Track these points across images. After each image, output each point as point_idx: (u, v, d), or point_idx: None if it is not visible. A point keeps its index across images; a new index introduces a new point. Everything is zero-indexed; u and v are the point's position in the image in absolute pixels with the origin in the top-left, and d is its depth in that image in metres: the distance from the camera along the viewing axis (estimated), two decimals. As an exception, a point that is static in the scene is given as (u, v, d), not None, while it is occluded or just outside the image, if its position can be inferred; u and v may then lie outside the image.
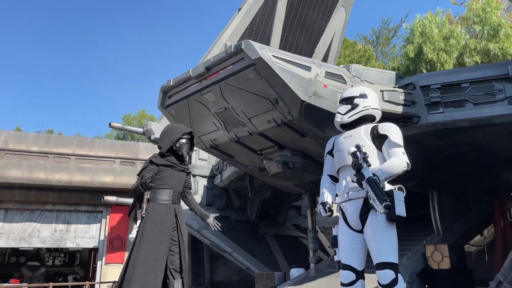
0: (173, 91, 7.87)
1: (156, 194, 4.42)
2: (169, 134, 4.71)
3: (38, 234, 14.41)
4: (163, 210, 4.33)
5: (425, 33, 21.01)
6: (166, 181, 4.48)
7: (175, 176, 4.56)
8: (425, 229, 9.35)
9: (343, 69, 6.92)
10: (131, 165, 15.06)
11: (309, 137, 7.16)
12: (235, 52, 6.51)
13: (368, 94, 3.86)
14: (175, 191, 4.53)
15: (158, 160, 4.59)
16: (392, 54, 28.97)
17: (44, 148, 14.17)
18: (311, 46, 13.61)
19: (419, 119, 7.02)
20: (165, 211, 4.33)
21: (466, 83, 6.90)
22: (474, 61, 20.16)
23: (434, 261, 8.16)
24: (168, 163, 4.57)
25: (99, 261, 14.74)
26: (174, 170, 4.57)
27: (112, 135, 33.90)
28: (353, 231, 3.54)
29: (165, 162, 4.56)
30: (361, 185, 3.29)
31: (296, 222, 15.04)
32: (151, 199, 4.39)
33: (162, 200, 4.39)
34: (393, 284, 3.27)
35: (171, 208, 4.42)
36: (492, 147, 8.04)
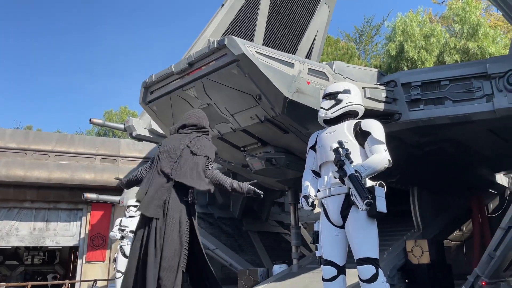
0: (155, 87, 7.79)
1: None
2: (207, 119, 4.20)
3: (17, 232, 14.09)
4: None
5: (406, 31, 21.30)
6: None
7: None
8: (405, 225, 9.51)
9: (326, 66, 6.96)
10: (112, 162, 14.85)
11: (292, 133, 7.18)
12: (218, 48, 6.48)
13: (351, 90, 3.88)
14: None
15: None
16: (374, 52, 29.29)
17: (22, 145, 13.84)
18: (294, 43, 13.63)
19: (400, 116, 7.11)
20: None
21: (445, 81, 7.02)
22: (454, 59, 20.54)
23: (414, 256, 8.30)
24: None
25: (80, 260, 14.51)
26: None
27: (92, 131, 33.40)
28: (335, 227, 3.56)
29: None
30: (343, 181, 3.31)
31: (279, 219, 15.10)
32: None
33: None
34: (373, 279, 3.30)
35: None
36: (470, 144, 8.21)
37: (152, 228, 3.46)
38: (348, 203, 3.45)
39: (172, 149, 3.78)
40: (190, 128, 3.99)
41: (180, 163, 3.68)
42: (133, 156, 15.16)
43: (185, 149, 3.76)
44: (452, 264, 9.32)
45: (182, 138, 3.89)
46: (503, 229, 6.25)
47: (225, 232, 12.24)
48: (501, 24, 23.82)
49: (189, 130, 3.98)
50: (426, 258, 8.14)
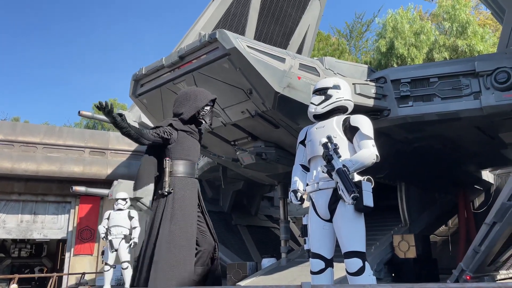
0: (145, 79, 7.74)
1: (179, 167, 3.70)
2: (192, 99, 3.94)
3: (3, 225, 13.96)
4: (191, 185, 3.71)
5: (396, 28, 21.44)
6: (188, 151, 3.79)
7: (195, 147, 3.90)
8: (393, 220, 9.63)
9: (316, 61, 6.98)
10: (101, 155, 14.76)
11: (283, 128, 7.21)
12: (210, 42, 6.46)
13: (341, 85, 3.91)
14: (196, 164, 3.88)
15: (178, 124, 3.85)
16: (365, 48, 29.43)
17: (9, 136, 13.68)
18: (285, 38, 13.64)
19: (389, 112, 7.18)
20: (193, 187, 3.73)
21: (434, 78, 7.10)
22: (443, 57, 20.74)
23: (401, 251, 8.43)
24: (189, 129, 3.86)
25: (68, 253, 14.44)
26: (194, 139, 3.90)
27: (81, 124, 33.06)
28: (323, 221, 3.61)
29: (186, 128, 3.84)
30: (331, 176, 3.35)
31: (269, 213, 15.18)
32: (173, 172, 3.67)
33: (187, 173, 3.72)
34: (360, 272, 3.35)
35: (196, 183, 3.82)
36: (458, 141, 8.32)
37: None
38: (336, 197, 3.49)
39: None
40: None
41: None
42: (122, 149, 15.08)
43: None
44: (438, 259, 9.47)
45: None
46: (488, 224, 6.37)
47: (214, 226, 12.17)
48: (490, 23, 24.09)
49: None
50: (413, 253, 8.27)
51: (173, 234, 3.46)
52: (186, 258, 3.45)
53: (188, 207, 3.62)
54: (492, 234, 6.32)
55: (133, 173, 14.12)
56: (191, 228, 3.56)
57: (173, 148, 3.76)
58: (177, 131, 3.79)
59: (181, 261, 3.41)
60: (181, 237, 3.47)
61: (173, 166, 3.70)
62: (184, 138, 3.81)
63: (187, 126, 3.87)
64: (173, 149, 3.76)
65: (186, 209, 3.60)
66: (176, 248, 3.43)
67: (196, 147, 3.90)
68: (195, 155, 3.88)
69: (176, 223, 3.50)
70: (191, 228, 3.56)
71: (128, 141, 15.11)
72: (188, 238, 3.51)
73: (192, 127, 3.91)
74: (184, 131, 3.83)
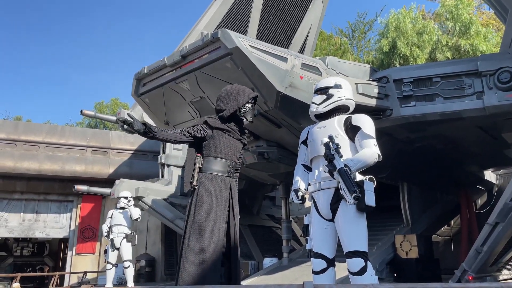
0: (147, 79, 7.75)
1: (210, 164, 3.70)
2: (234, 96, 3.91)
3: (6, 223, 14.01)
4: (218, 182, 3.67)
5: (399, 28, 21.38)
6: (222, 149, 3.75)
7: (231, 145, 3.83)
8: (395, 220, 9.62)
9: (319, 61, 6.97)
10: (103, 154, 14.79)
11: (285, 127, 7.21)
12: (212, 41, 6.46)
13: (342, 85, 3.90)
14: (231, 162, 3.81)
15: (215, 122, 3.82)
16: (367, 48, 29.37)
17: (12, 135, 13.72)
18: (288, 38, 13.63)
19: (391, 112, 7.16)
20: (219, 184, 3.68)
21: (437, 78, 7.08)
22: (446, 56, 20.68)
23: (403, 251, 8.42)
24: (226, 127, 3.82)
25: (70, 252, 14.48)
26: (231, 137, 3.85)
27: (83, 123, 33.09)
28: (325, 220, 3.60)
29: (223, 126, 3.81)
30: (332, 175, 3.34)
31: (270, 213, 15.17)
32: (203, 168, 3.69)
33: (216, 171, 3.69)
34: (362, 272, 3.35)
35: (227, 181, 3.74)
36: (460, 141, 8.31)
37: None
38: (337, 197, 3.49)
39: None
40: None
41: None
42: (124, 149, 15.11)
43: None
44: (440, 259, 9.45)
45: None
46: (490, 225, 6.36)
47: (216, 225, 12.27)
48: (492, 22, 24.03)
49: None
50: (415, 253, 8.26)
51: (193, 231, 3.47)
52: (206, 256, 3.38)
53: (211, 203, 3.56)
54: (494, 235, 6.31)
55: (135, 172, 14.15)
56: (215, 226, 3.51)
57: (206, 145, 3.78)
58: (212, 129, 3.79)
59: (200, 259, 3.37)
60: (202, 234, 3.45)
61: (204, 163, 3.72)
62: (219, 136, 3.80)
63: (226, 124, 3.85)
64: (206, 146, 3.78)
65: (209, 205, 3.55)
66: (196, 245, 3.41)
67: (232, 145, 3.85)
68: (231, 153, 3.83)
69: (197, 220, 3.50)
70: (215, 226, 3.51)
71: (130, 140, 15.14)
72: (211, 236, 3.47)
73: (231, 125, 3.88)
74: (220, 129, 3.81)
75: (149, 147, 15.15)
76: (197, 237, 3.44)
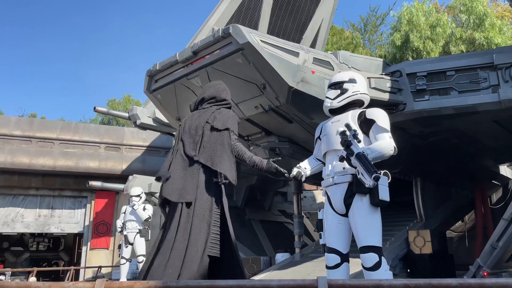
0: (159, 75, 7.79)
1: None
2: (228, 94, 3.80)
3: (22, 219, 14.25)
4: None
5: (412, 21, 21.09)
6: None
7: None
8: (408, 215, 9.54)
9: (331, 55, 6.93)
10: (116, 150, 14.93)
11: (296, 123, 7.18)
12: (223, 37, 6.46)
13: (357, 79, 3.87)
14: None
15: None
16: (379, 42, 29.07)
17: (27, 132, 13.92)
18: (299, 32, 13.55)
19: (405, 106, 7.09)
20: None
21: (451, 71, 6.98)
22: (460, 50, 20.35)
23: (416, 246, 8.35)
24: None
25: (84, 246, 14.68)
26: None
27: (96, 120, 33.44)
28: (338, 215, 3.59)
29: None
30: (350, 162, 3.29)
31: (282, 208, 15.18)
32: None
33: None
34: (376, 267, 3.33)
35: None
36: (475, 135, 8.19)
37: (182, 215, 3.21)
38: (351, 191, 3.46)
39: (193, 128, 3.47)
40: (209, 101, 3.64)
41: (203, 143, 3.38)
42: (137, 145, 15.23)
43: (205, 126, 3.43)
44: (454, 255, 9.36)
45: (202, 114, 3.55)
46: (506, 220, 6.27)
47: (228, 221, 12.32)
48: (507, 15, 23.56)
49: (208, 104, 3.64)
50: (428, 248, 8.19)
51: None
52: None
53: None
54: (510, 230, 6.22)
55: (147, 168, 14.25)
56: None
57: None
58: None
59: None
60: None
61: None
62: None
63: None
64: None
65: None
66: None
67: None
68: None
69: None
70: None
71: (142, 137, 15.26)
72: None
73: None
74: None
75: (161, 143, 15.26)
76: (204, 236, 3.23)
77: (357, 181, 3.40)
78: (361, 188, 3.39)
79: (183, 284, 2.22)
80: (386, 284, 1.98)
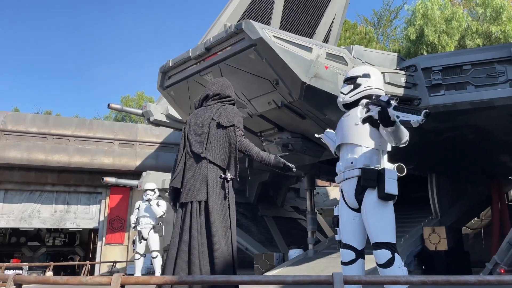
0: (172, 72, 7.82)
1: None
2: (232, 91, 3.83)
3: (38, 214, 14.50)
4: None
5: (426, 15, 20.75)
6: None
7: None
8: (423, 212, 9.44)
9: (344, 50, 6.87)
10: (130, 147, 15.07)
11: (309, 119, 7.15)
12: (236, 32, 6.45)
13: (371, 74, 3.81)
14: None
15: None
16: (393, 36, 28.68)
17: (42, 129, 14.14)
18: (311, 27, 13.45)
19: (420, 101, 7.00)
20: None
21: (468, 65, 6.87)
22: (476, 43, 19.97)
23: (431, 243, 8.26)
24: None
25: (99, 242, 14.88)
26: None
27: (110, 117, 33.77)
28: (353, 211, 3.55)
29: None
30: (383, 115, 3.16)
31: (295, 204, 15.17)
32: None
33: None
34: (389, 264, 3.28)
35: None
36: (491, 130, 8.04)
37: (194, 213, 3.25)
38: (361, 187, 3.42)
39: (199, 125, 3.50)
40: (213, 98, 3.68)
41: (210, 140, 3.41)
42: (151, 141, 15.35)
43: (211, 123, 3.46)
44: (470, 252, 9.24)
45: (207, 111, 3.58)
46: (524, 216, 6.16)
47: (241, 217, 12.36)
48: (526, 7, 23.01)
49: (213, 101, 3.66)
50: (444, 245, 8.09)
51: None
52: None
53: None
54: (528, 227, 6.11)
55: (161, 164, 14.37)
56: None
57: None
58: None
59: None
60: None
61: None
62: None
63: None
64: None
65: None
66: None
67: None
68: None
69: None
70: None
71: (156, 133, 15.37)
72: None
73: None
74: None
75: (174, 140, 15.35)
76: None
77: (364, 174, 3.38)
78: (367, 182, 3.36)
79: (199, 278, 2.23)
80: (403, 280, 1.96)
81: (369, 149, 3.49)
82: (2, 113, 14.25)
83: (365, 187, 3.39)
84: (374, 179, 3.37)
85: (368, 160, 3.46)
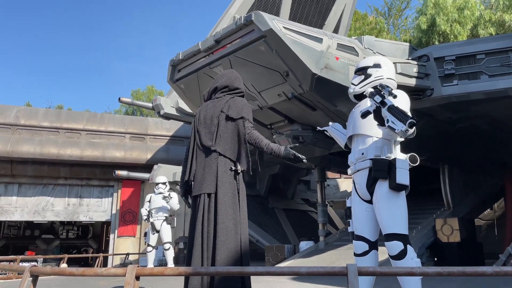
0: (182, 64, 7.82)
1: None
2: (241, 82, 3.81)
3: (52, 208, 14.71)
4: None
5: (438, 4, 20.41)
6: None
7: None
8: (435, 203, 9.37)
9: (355, 41, 6.79)
10: (141, 140, 15.17)
11: (320, 110, 7.10)
12: (245, 24, 6.41)
13: (382, 64, 3.76)
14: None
15: None
16: (404, 26, 28.29)
17: (55, 124, 14.29)
18: (321, 18, 13.32)
19: (432, 91, 6.91)
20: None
21: (481, 55, 6.75)
22: (489, 32, 19.61)
23: (444, 235, 8.20)
24: None
25: (112, 234, 15.05)
26: None
27: (121, 111, 33.97)
28: (365, 202, 3.53)
29: None
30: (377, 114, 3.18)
31: (305, 197, 15.15)
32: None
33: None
34: (401, 256, 3.25)
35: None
36: (506, 121, 7.92)
37: (203, 206, 3.26)
38: (373, 178, 3.39)
39: (208, 118, 3.50)
40: (222, 91, 3.67)
41: (219, 132, 3.41)
42: (161, 135, 15.42)
43: (220, 115, 3.46)
44: (483, 243, 9.16)
45: (216, 103, 3.57)
46: (539, 207, 6.07)
47: (252, 209, 12.39)
48: (541, -6, 22.48)
49: (222, 93, 3.66)
50: (457, 237, 8.03)
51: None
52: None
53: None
54: (543, 218, 6.02)
55: (171, 157, 14.44)
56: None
57: None
58: None
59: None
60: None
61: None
62: None
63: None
64: None
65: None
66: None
67: None
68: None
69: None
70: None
71: (166, 127, 15.43)
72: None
73: None
74: None
75: (185, 133, 15.40)
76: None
77: (375, 165, 3.34)
78: (379, 173, 3.32)
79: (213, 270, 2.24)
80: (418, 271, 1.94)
81: (380, 139, 3.45)
82: (14, 108, 14.42)
83: (376, 178, 3.36)
84: (385, 170, 3.33)
85: (379, 151, 3.42)
